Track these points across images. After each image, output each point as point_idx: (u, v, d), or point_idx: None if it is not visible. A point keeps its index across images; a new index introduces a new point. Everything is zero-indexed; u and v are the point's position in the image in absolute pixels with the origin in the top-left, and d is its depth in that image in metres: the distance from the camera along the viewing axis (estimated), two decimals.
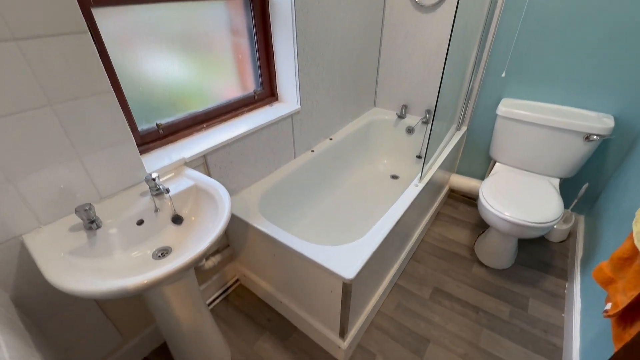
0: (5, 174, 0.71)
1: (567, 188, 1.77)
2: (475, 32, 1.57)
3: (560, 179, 1.64)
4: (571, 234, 1.81)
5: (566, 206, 1.81)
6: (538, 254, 1.72)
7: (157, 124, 1.12)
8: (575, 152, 1.52)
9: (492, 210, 1.40)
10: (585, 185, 1.62)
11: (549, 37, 1.48)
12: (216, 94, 1.33)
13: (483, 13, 1.54)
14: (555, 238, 1.78)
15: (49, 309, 0.90)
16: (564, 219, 1.76)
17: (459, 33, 1.22)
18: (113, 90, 0.84)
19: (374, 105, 2.25)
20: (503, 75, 1.65)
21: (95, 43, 0.80)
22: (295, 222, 1.67)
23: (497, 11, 1.56)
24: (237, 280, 1.57)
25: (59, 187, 0.81)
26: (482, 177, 2.04)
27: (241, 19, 1.32)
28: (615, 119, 1.48)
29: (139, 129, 1.08)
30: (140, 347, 1.23)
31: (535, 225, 1.32)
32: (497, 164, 1.78)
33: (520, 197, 1.46)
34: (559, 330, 1.35)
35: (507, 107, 1.61)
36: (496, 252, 1.60)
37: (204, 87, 1.27)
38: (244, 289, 1.54)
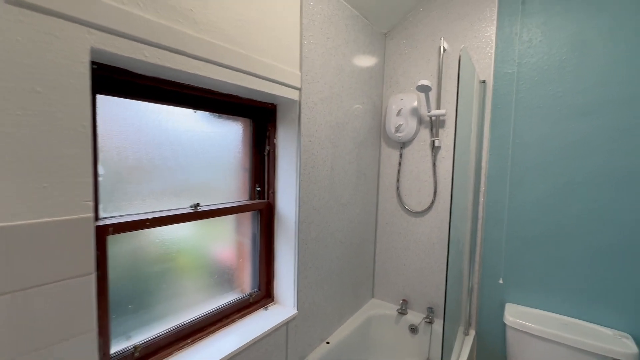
0: None
1: None
2: (464, 239, 1.69)
3: None
4: None
5: None
6: None
7: (134, 347, 0.99)
8: None
9: None
10: None
11: (536, 250, 1.58)
12: (211, 300, 1.27)
13: (468, 224, 1.70)
14: None
15: None
16: None
17: (454, 248, 1.29)
18: (96, 326, 0.77)
19: (373, 297, 2.16)
20: (500, 281, 1.66)
21: (98, 268, 0.80)
22: None
23: (479, 222, 1.73)
24: None
25: None
26: None
27: (247, 228, 1.42)
28: (635, 340, 1.37)
29: (111, 352, 0.95)
30: None
31: None
32: None
33: None
34: None
35: (514, 317, 1.53)
36: None
37: (200, 291, 1.22)
38: None
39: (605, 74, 1.40)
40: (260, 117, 1.41)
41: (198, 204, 1.17)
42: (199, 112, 1.17)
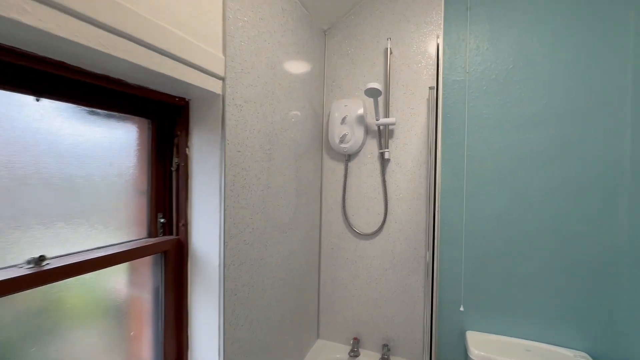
0: None
1: None
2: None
3: None
4: None
5: None
6: None
7: None
8: None
9: None
10: None
11: (495, 270, 1.47)
12: None
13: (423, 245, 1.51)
14: None
15: None
16: None
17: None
18: None
19: (318, 337, 1.82)
20: (461, 309, 1.50)
21: None
22: None
23: (436, 242, 1.56)
24: None
25: None
26: None
27: (146, 278, 0.96)
28: (593, 358, 1.32)
29: None
30: None
31: None
32: None
33: None
34: None
35: (478, 349, 1.36)
36: None
37: None
38: None
39: (551, 84, 1.38)
40: (164, 116, 0.98)
41: (43, 257, 0.68)
42: (45, 101, 0.70)
